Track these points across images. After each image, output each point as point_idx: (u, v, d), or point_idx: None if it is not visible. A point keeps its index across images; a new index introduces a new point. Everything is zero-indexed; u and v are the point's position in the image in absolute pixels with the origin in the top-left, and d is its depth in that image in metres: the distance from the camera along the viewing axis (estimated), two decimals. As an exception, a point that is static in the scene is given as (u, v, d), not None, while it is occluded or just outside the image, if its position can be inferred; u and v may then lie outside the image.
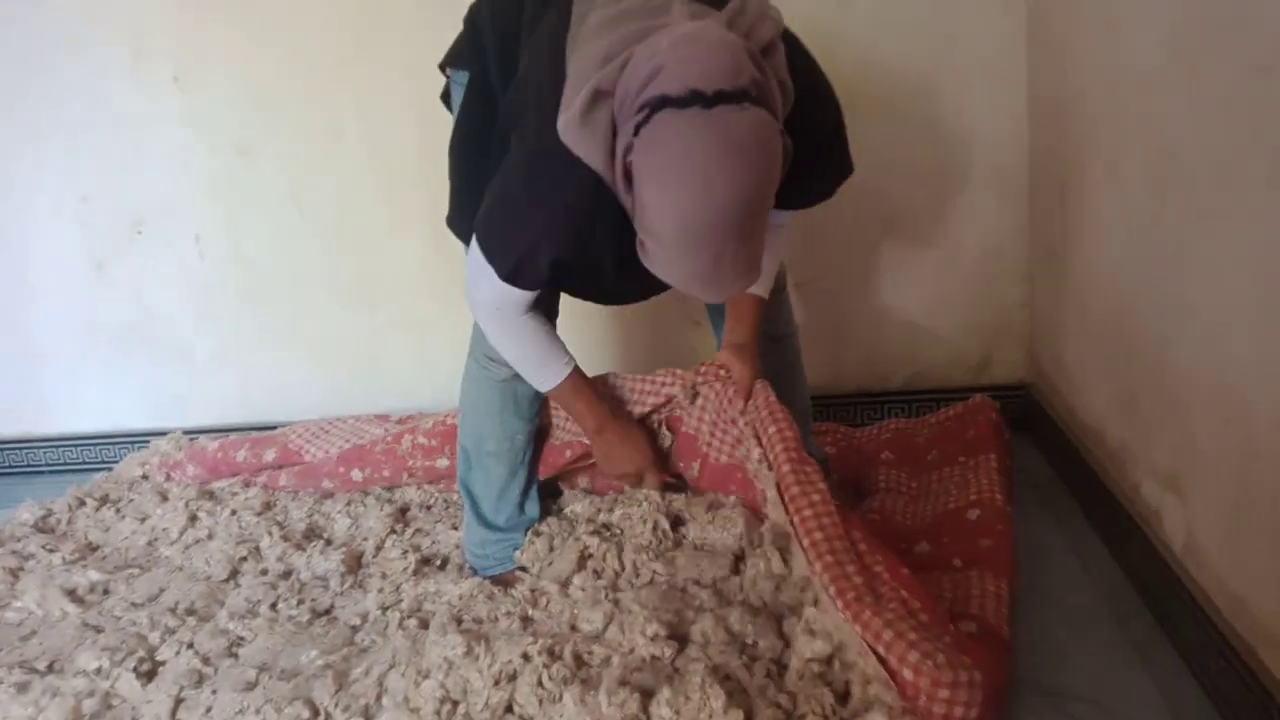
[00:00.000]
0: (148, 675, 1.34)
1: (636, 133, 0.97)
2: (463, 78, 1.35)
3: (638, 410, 1.52)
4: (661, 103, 0.94)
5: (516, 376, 1.43)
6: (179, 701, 1.27)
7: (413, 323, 2.21)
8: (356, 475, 1.81)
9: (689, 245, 0.97)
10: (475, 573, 1.53)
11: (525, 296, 1.24)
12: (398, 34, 2.02)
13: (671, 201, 0.96)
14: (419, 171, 2.08)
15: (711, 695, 1.04)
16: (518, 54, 1.24)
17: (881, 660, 1.06)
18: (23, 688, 1.30)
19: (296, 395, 2.25)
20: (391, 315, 2.22)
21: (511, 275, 1.18)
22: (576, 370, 1.37)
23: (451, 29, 1.40)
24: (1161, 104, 1.23)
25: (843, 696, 1.08)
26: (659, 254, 1.01)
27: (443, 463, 1.74)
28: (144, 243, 2.23)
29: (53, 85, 2.15)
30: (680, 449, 1.53)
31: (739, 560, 1.41)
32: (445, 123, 1.55)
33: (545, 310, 1.38)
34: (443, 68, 1.41)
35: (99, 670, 1.34)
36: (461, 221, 1.36)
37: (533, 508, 1.56)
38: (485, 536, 1.52)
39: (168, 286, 2.25)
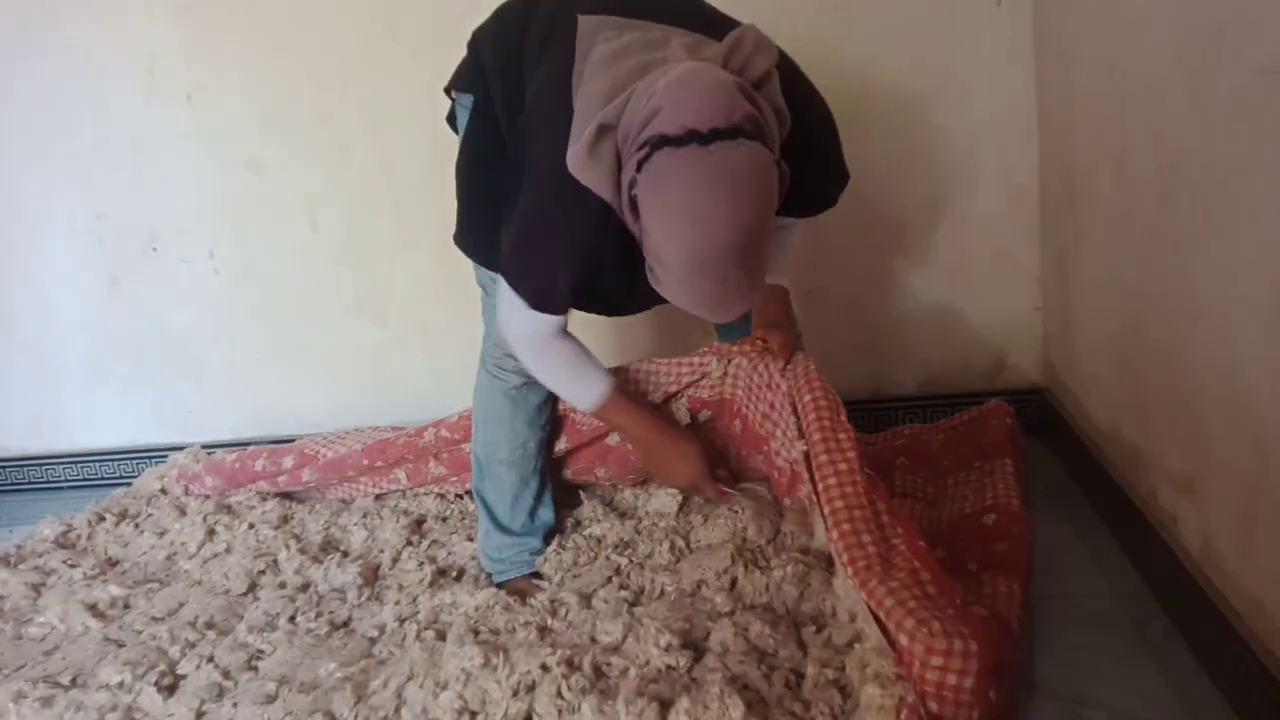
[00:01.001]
0: (169, 689, 1.35)
1: (639, 169, 1.01)
2: (467, 100, 1.37)
3: (673, 388, 1.54)
4: (661, 142, 0.98)
5: (527, 385, 1.47)
6: (200, 715, 1.28)
7: (423, 335, 2.22)
8: (379, 463, 1.81)
9: (693, 275, 1.02)
10: (491, 580, 1.54)
11: (555, 322, 1.29)
12: (406, 53, 2.04)
13: (675, 236, 1.00)
14: (427, 186, 2.08)
15: (730, 705, 1.05)
16: (519, 82, 1.28)
17: (882, 628, 1.08)
18: (47, 702, 1.32)
19: (309, 409, 2.27)
20: (402, 328, 2.23)
21: (538, 302, 1.23)
22: (616, 387, 1.40)
23: (458, 48, 1.42)
24: (1168, 107, 1.23)
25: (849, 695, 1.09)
26: (667, 280, 1.06)
27: (467, 447, 1.74)
28: (158, 259, 2.25)
29: (68, 105, 2.18)
30: (719, 412, 1.56)
31: (738, 551, 1.41)
32: (452, 140, 1.57)
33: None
34: (448, 90, 1.44)
35: (121, 684, 1.36)
36: (468, 239, 1.40)
37: (546, 513, 1.58)
38: (501, 541, 1.54)
39: (182, 302, 2.27)
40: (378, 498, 1.88)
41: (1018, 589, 1.27)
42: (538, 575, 1.54)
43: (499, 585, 1.53)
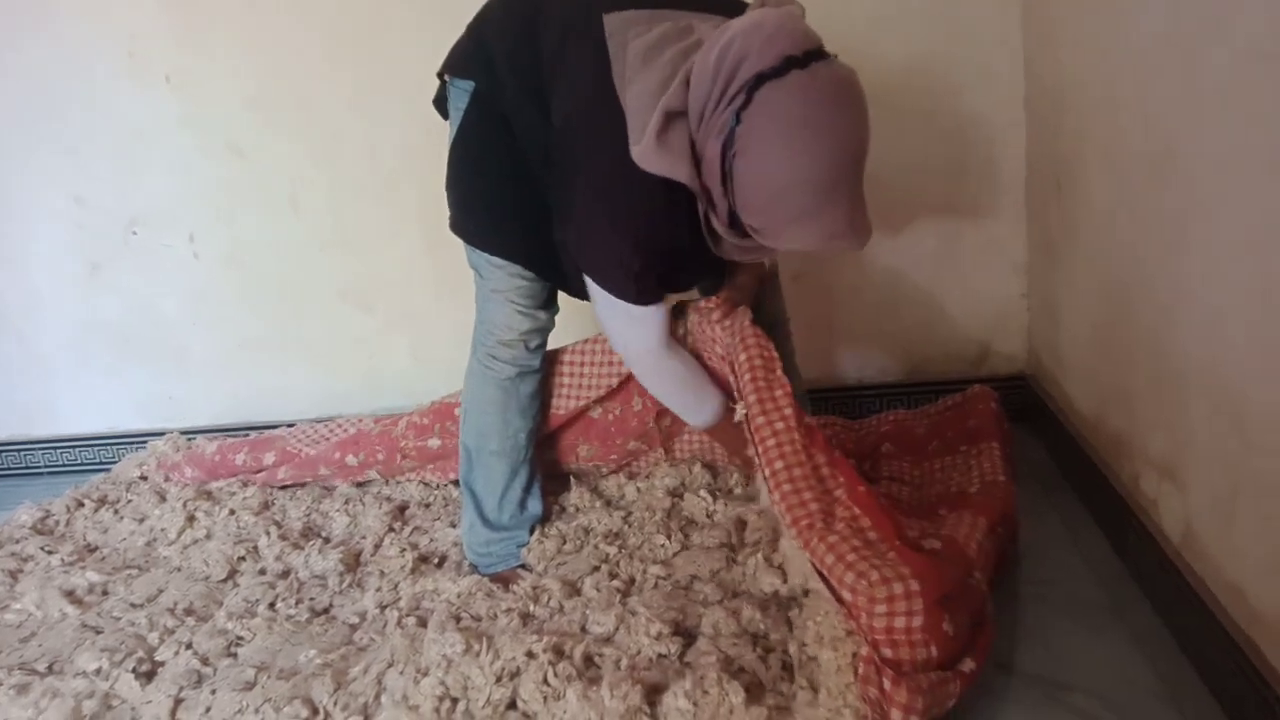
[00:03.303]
0: (147, 676, 1.34)
1: (739, 119, 1.02)
2: (466, 85, 1.35)
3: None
4: (758, 81, 1.01)
5: (520, 375, 1.48)
6: (178, 702, 1.27)
7: (410, 322, 2.21)
8: (351, 460, 1.81)
9: (827, 199, 1.03)
10: (475, 570, 1.53)
11: (662, 327, 1.32)
12: (391, 36, 2.02)
13: (805, 159, 1.02)
14: (413, 172, 2.07)
15: (730, 691, 1.05)
16: (536, 73, 1.27)
17: (828, 583, 1.09)
18: (23, 689, 1.30)
19: (293, 396, 2.25)
20: (388, 315, 2.21)
21: (639, 296, 1.26)
22: (725, 402, 1.42)
23: (445, 32, 1.40)
24: (1159, 93, 1.23)
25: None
26: (789, 225, 1.06)
27: (434, 443, 1.75)
28: (139, 244, 2.22)
29: (47, 87, 2.14)
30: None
31: (733, 551, 1.42)
32: (440, 125, 1.55)
33: (544, 303, 1.45)
34: (441, 74, 1.41)
35: (98, 671, 1.34)
36: (468, 226, 1.41)
37: (535, 505, 1.57)
38: (489, 536, 1.53)
39: (163, 288, 2.24)
40: (360, 484, 1.87)
41: (983, 521, 1.28)
42: (524, 567, 1.53)
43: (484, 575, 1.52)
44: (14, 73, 2.14)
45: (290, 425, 2.04)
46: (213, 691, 1.27)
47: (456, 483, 1.81)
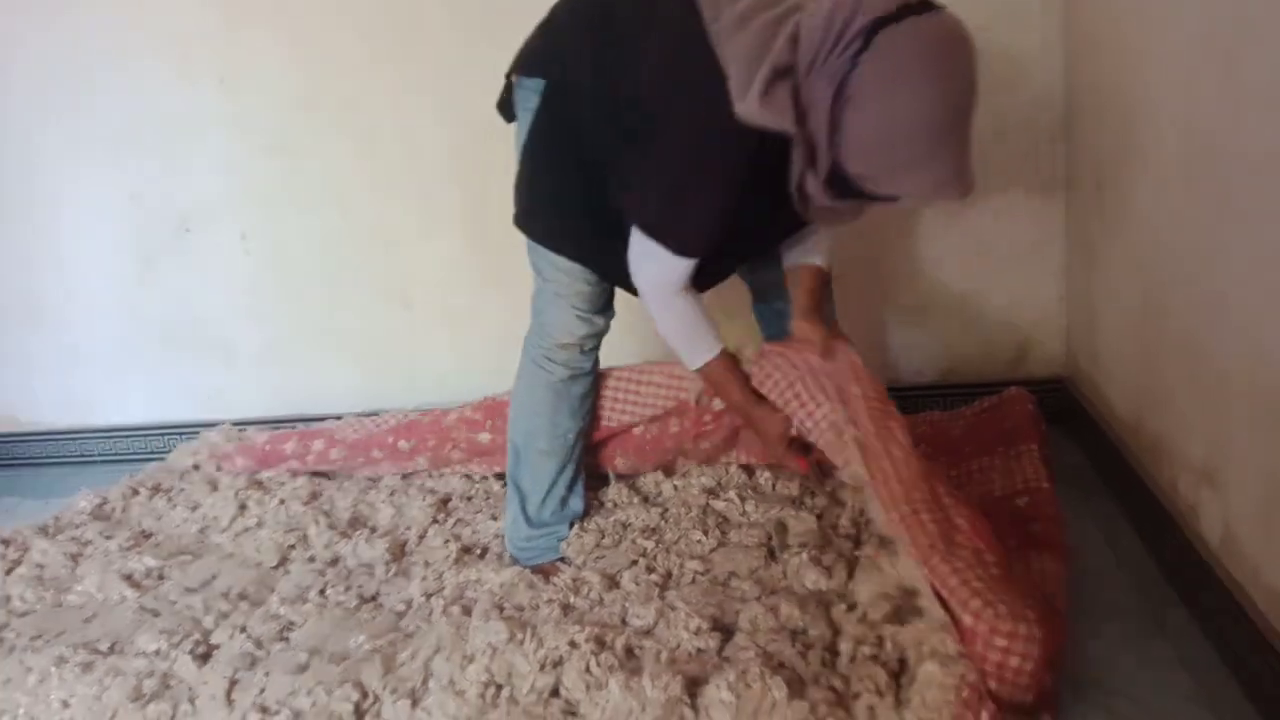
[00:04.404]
0: (203, 657, 1.39)
1: (854, 64, 1.05)
2: (535, 85, 1.38)
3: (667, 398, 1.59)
4: (875, 26, 1.04)
5: (572, 377, 1.51)
6: (234, 683, 1.32)
7: (447, 318, 2.25)
8: (403, 445, 1.86)
9: (943, 141, 1.07)
10: (516, 563, 1.57)
11: (686, 274, 1.32)
12: (431, 40, 2.07)
13: (922, 102, 1.05)
14: (453, 171, 2.12)
15: (773, 686, 1.07)
16: (614, 63, 1.29)
17: (945, 606, 1.09)
18: (87, 667, 1.36)
19: (336, 391, 2.30)
20: (427, 312, 2.26)
21: (683, 248, 1.28)
22: (725, 352, 1.42)
23: (482, 35, 1.44)
24: (1197, 95, 1.23)
25: (895, 675, 1.10)
26: (901, 172, 1.09)
27: (484, 437, 1.79)
28: (191, 241, 2.29)
29: (102, 91, 2.22)
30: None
31: (772, 553, 1.44)
32: (477, 123, 1.58)
33: (602, 308, 1.49)
34: (509, 75, 1.44)
35: (157, 652, 1.40)
36: (534, 224, 1.44)
37: (577, 502, 1.60)
38: (530, 533, 1.56)
39: (213, 284, 2.31)
40: (404, 476, 1.92)
41: (1060, 568, 1.28)
42: (563, 560, 1.56)
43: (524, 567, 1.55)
44: (69, 74, 2.22)
45: (337, 419, 2.10)
46: (266, 674, 1.32)
47: (501, 476, 1.86)
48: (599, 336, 1.52)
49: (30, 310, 2.41)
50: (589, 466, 1.71)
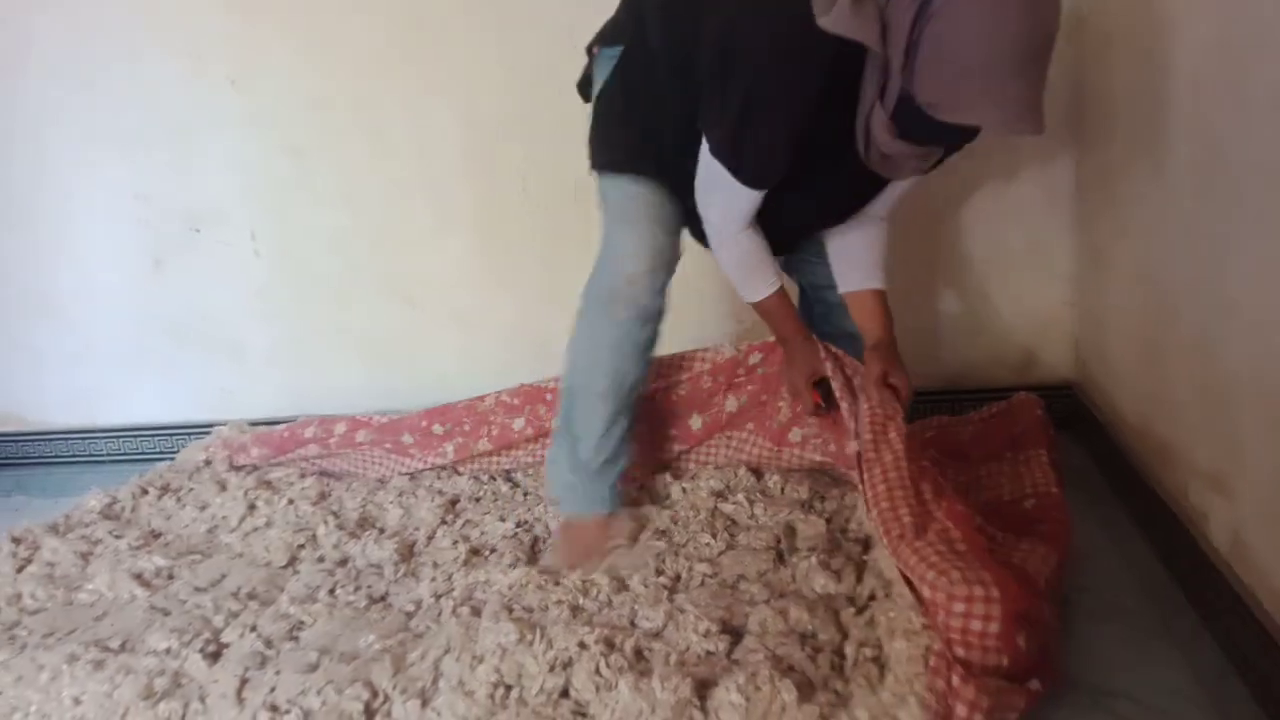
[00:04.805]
0: (213, 656, 1.39)
1: None
2: (614, 51, 1.44)
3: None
4: None
5: (637, 319, 1.48)
6: (244, 681, 1.32)
7: (456, 319, 2.26)
8: (438, 429, 1.89)
9: (1022, 69, 1.04)
10: (557, 506, 1.59)
11: (752, 206, 1.34)
12: (442, 40, 2.07)
13: (1007, 26, 1.02)
14: (463, 171, 2.13)
15: (783, 689, 1.07)
16: (684, 12, 1.33)
17: (911, 586, 1.12)
18: (99, 665, 1.36)
19: (345, 391, 2.31)
20: (437, 312, 2.27)
21: (755, 179, 1.30)
22: (782, 289, 1.49)
23: (495, 35, 1.45)
24: (1209, 103, 1.24)
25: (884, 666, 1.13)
26: (976, 99, 1.06)
27: (519, 423, 1.82)
28: (201, 241, 2.30)
29: (114, 90, 2.23)
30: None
31: (780, 556, 1.45)
32: (488, 124, 1.57)
33: (673, 224, 1.49)
34: (590, 48, 1.49)
35: (168, 650, 1.40)
36: (613, 155, 1.47)
37: (625, 457, 1.58)
38: (575, 479, 1.55)
39: (223, 284, 2.32)
40: (412, 477, 1.93)
41: (1054, 557, 1.29)
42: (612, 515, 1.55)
43: (566, 517, 1.56)
44: (81, 74, 2.23)
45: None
46: (277, 672, 1.32)
47: (510, 478, 1.87)
48: (668, 268, 1.48)
49: (40, 309, 2.43)
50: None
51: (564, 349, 1.57)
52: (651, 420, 1.74)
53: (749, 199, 1.33)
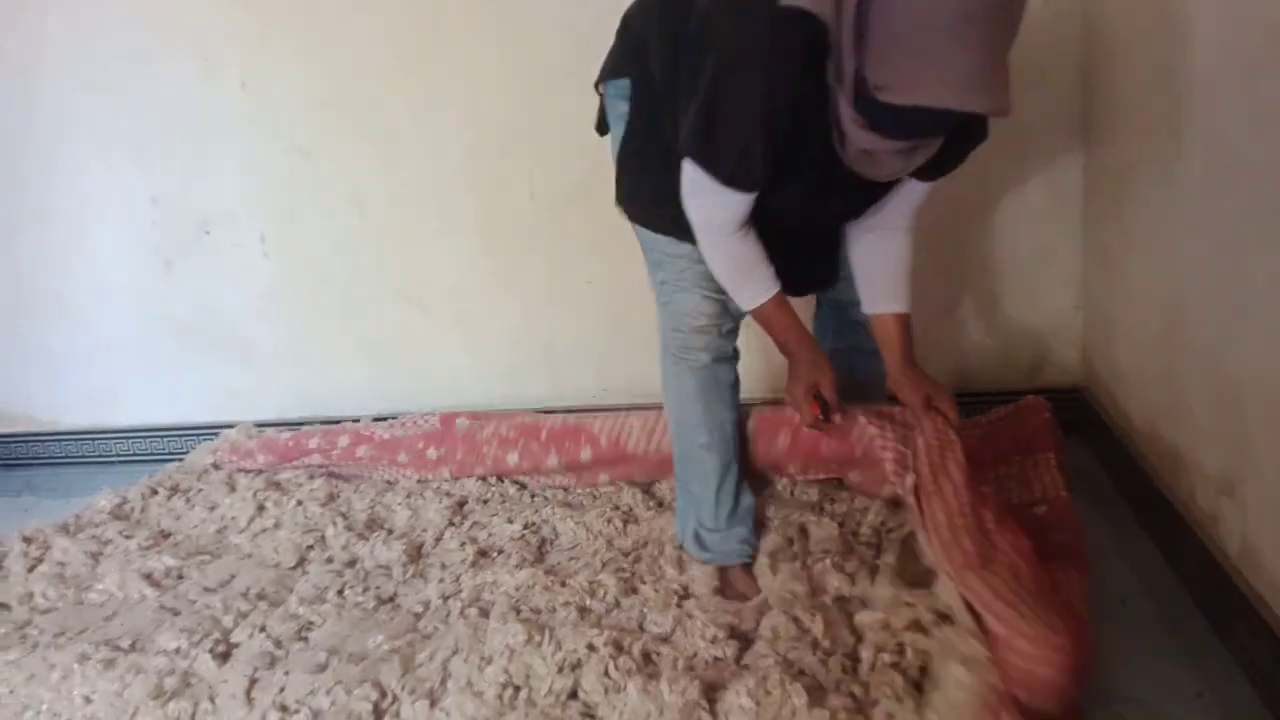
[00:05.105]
0: (223, 656, 1.41)
1: None
2: (622, 85, 1.39)
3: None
4: None
5: (716, 361, 1.46)
6: (253, 681, 1.33)
7: (463, 321, 2.27)
8: (432, 453, 1.90)
9: (965, 34, 0.95)
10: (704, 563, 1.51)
11: (739, 210, 1.26)
12: (451, 44, 2.08)
13: None
14: (470, 174, 2.14)
15: (793, 693, 1.07)
16: (681, 35, 1.27)
17: (976, 616, 1.09)
18: (109, 664, 1.38)
19: (353, 392, 2.32)
20: (444, 313, 2.27)
21: (731, 176, 1.21)
22: (780, 293, 1.38)
23: (502, 39, 1.43)
24: (1219, 108, 1.23)
25: (916, 683, 1.11)
26: (916, 75, 0.98)
27: (513, 458, 1.83)
28: (211, 242, 2.31)
29: (126, 94, 2.24)
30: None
31: (794, 557, 1.45)
32: (495, 128, 1.55)
33: None
34: (597, 86, 1.44)
35: (178, 650, 1.41)
36: (641, 213, 1.43)
37: (747, 498, 1.55)
38: (709, 539, 1.51)
39: (233, 285, 2.33)
40: (420, 479, 1.93)
41: (1080, 578, 1.28)
42: (752, 560, 1.50)
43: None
44: (94, 78, 2.24)
45: (355, 420, 2.12)
46: (286, 673, 1.33)
47: (520, 482, 1.87)
48: (735, 317, 1.47)
49: (52, 310, 2.44)
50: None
51: (588, 363, 1.55)
52: None
53: (733, 202, 1.26)
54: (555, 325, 2.21)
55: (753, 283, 1.37)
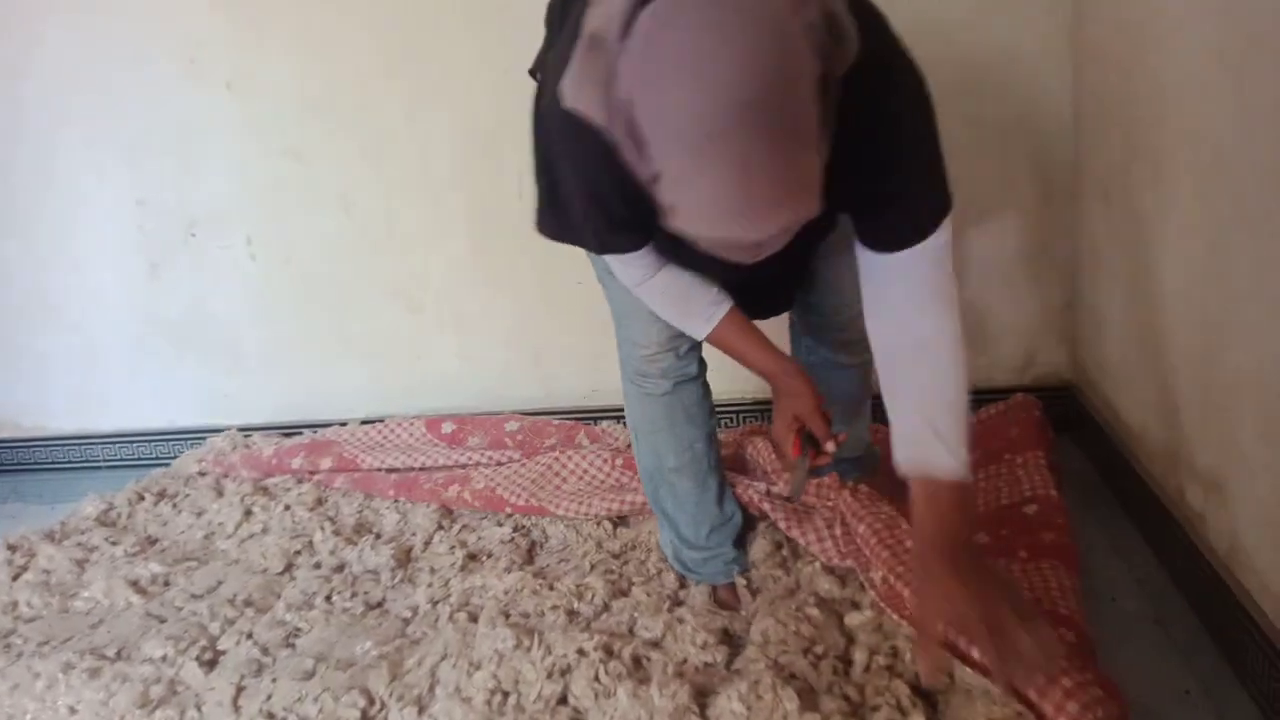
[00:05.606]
0: (210, 664, 1.39)
1: (622, 41, 0.78)
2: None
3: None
4: (635, 8, 0.77)
5: (676, 385, 1.37)
6: (240, 689, 1.32)
7: (456, 323, 2.25)
8: (402, 499, 1.86)
9: (704, 158, 0.74)
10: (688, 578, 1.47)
11: (638, 263, 1.15)
12: (441, 44, 2.06)
13: (672, 105, 0.74)
14: (462, 175, 2.13)
15: (784, 697, 1.06)
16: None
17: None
18: (94, 673, 1.36)
19: (344, 395, 2.30)
20: (435, 316, 2.26)
21: (601, 247, 1.15)
22: (731, 313, 1.21)
23: (494, 39, 1.42)
24: (1209, 108, 1.23)
25: (917, 688, 1.09)
26: (679, 194, 0.77)
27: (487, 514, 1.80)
28: (197, 245, 2.30)
29: (111, 94, 2.22)
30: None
31: (783, 562, 1.45)
32: (485, 127, 1.55)
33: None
34: (532, 73, 1.33)
35: (164, 658, 1.40)
36: (545, 221, 1.26)
37: (731, 507, 1.48)
38: (691, 557, 1.46)
39: (220, 288, 2.31)
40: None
41: (1077, 581, 1.28)
42: (744, 574, 1.45)
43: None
44: (79, 78, 2.22)
45: (342, 424, 2.10)
46: (273, 680, 1.32)
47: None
48: (685, 338, 1.32)
49: (35, 314, 2.42)
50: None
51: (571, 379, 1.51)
52: None
53: (621, 261, 1.15)
54: (545, 326, 2.20)
55: (696, 311, 1.21)
